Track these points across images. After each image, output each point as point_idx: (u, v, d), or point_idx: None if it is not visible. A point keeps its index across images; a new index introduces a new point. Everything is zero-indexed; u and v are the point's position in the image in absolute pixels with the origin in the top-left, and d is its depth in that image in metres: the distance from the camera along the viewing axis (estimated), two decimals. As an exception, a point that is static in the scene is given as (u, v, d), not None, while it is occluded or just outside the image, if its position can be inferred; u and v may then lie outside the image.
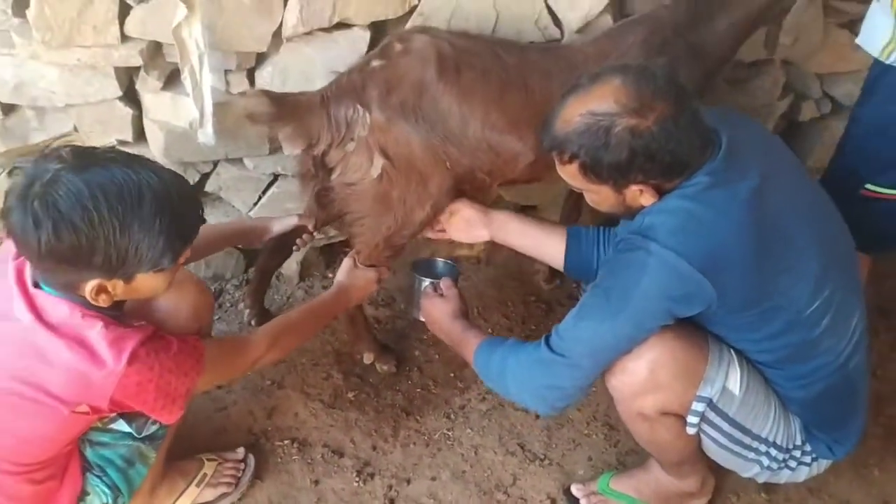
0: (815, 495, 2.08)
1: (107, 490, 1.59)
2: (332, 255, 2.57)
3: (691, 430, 1.65)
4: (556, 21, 2.11)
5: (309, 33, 2.04)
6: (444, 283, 1.97)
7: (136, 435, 1.57)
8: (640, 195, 1.53)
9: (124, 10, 1.96)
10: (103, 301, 1.38)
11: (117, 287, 1.39)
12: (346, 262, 2.00)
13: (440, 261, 2.11)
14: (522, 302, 2.56)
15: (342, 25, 2.05)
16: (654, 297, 1.50)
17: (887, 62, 1.86)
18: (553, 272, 2.55)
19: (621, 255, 1.56)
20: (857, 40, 1.97)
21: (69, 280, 1.36)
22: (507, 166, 1.94)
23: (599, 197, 1.59)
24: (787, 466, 1.79)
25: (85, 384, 1.37)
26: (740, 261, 1.49)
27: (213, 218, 2.34)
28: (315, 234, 2.11)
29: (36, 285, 1.40)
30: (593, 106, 1.46)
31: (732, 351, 1.65)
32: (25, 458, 1.46)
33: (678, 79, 1.52)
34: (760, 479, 1.85)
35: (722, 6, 2.01)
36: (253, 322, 2.29)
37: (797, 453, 1.78)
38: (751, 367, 1.67)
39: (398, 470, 2.04)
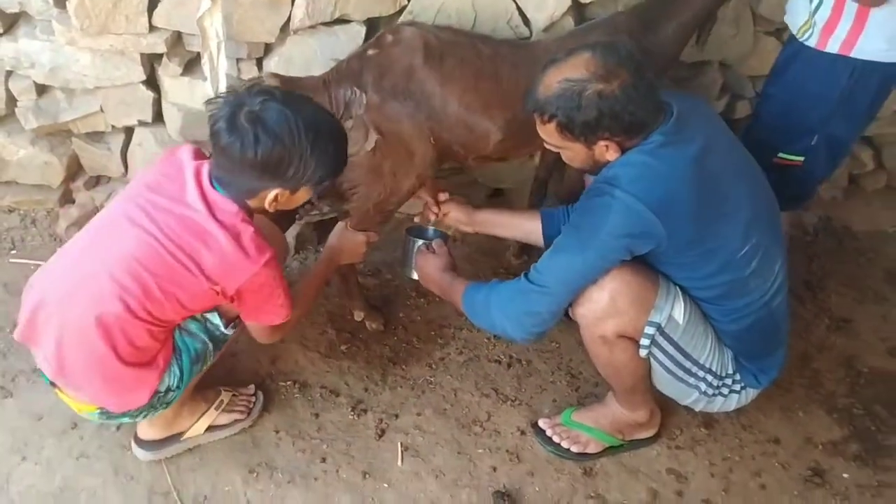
0: (747, 431, 2.40)
1: (177, 372, 1.87)
2: (324, 230, 2.85)
3: (643, 352, 1.97)
4: (526, 21, 2.45)
5: (313, 27, 2.35)
6: (436, 243, 2.26)
7: (222, 328, 1.91)
8: (607, 151, 1.84)
9: (153, 3, 2.26)
10: (273, 207, 1.77)
11: (284, 196, 1.76)
12: (338, 226, 2.28)
13: (430, 227, 2.41)
14: (494, 274, 2.85)
15: (342, 21, 2.37)
16: (618, 233, 1.82)
17: (801, 39, 2.24)
18: (522, 248, 2.86)
19: (590, 199, 1.87)
20: (785, 18, 2.35)
21: (260, 186, 1.73)
22: (480, 143, 2.23)
23: (573, 153, 1.90)
24: (721, 394, 2.11)
25: (229, 269, 1.72)
26: (686, 206, 1.81)
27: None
28: (315, 203, 2.41)
29: (212, 186, 1.75)
30: (568, 74, 1.78)
31: (677, 287, 1.97)
32: (156, 311, 1.74)
33: (637, 54, 1.85)
34: (698, 407, 2.17)
35: (669, 13, 2.33)
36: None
37: (729, 381, 2.11)
38: (692, 302, 1.99)
39: (387, 407, 2.33)
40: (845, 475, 2.32)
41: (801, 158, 2.35)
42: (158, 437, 2.05)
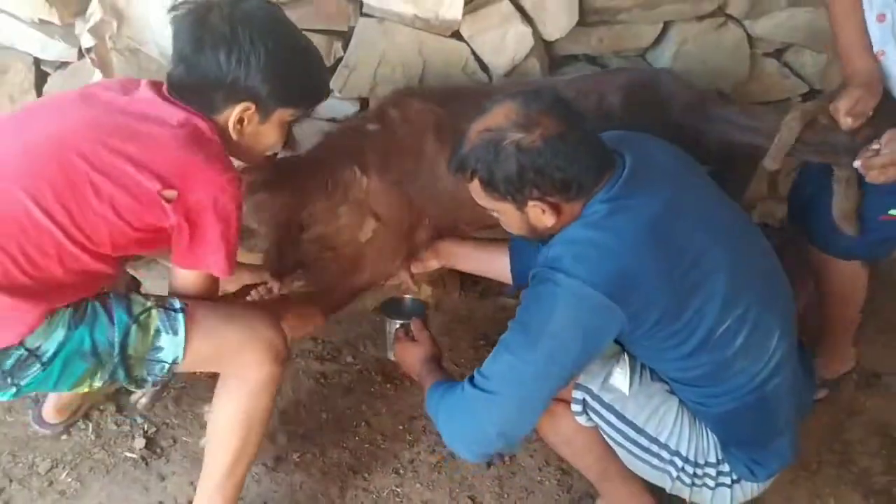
0: (770, 525, 2.05)
1: (57, 339, 1.52)
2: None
3: (579, 419, 1.72)
4: (483, 66, 2.12)
5: None
6: (415, 326, 1.94)
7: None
8: (543, 214, 1.55)
9: (41, 79, 1.96)
10: (236, 131, 1.58)
11: (253, 120, 1.58)
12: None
13: (407, 298, 2.11)
14: (472, 347, 2.54)
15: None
16: (568, 326, 1.50)
17: None
18: None
19: (534, 288, 1.56)
20: None
21: (224, 95, 1.54)
22: (487, 213, 1.95)
23: (507, 217, 1.63)
24: (706, 485, 1.77)
25: (186, 169, 1.50)
26: (646, 281, 1.50)
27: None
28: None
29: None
30: (488, 124, 1.54)
31: (628, 355, 1.69)
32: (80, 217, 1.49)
33: (570, 101, 1.58)
34: (684, 496, 1.81)
35: None
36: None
37: (712, 471, 1.76)
38: (651, 373, 1.71)
39: (346, 532, 2.00)
40: (890, 579, 1.98)
41: None
42: None
